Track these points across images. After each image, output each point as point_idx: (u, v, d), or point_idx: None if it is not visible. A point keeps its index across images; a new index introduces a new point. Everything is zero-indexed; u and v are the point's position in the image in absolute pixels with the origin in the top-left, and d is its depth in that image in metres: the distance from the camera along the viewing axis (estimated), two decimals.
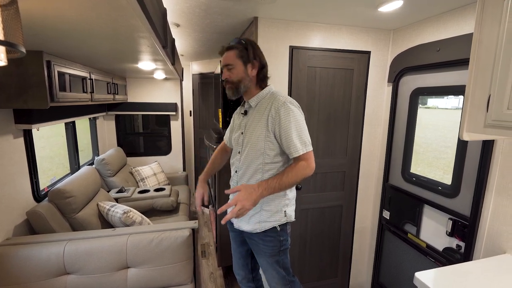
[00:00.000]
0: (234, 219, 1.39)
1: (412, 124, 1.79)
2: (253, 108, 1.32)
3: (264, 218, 1.31)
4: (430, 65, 1.59)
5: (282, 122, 1.20)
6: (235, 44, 1.28)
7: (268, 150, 1.25)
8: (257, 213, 1.32)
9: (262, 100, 1.30)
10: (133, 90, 3.51)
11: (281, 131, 1.21)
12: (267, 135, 1.24)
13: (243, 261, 1.52)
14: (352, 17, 1.67)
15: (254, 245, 1.39)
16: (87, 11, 0.83)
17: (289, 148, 1.21)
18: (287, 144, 1.21)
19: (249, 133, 1.30)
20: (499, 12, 0.83)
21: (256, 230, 1.33)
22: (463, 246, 1.43)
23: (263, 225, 1.32)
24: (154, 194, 2.70)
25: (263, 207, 1.31)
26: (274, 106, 1.23)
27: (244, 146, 1.32)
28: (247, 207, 1.13)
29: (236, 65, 1.27)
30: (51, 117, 1.90)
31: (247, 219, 1.34)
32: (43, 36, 1.14)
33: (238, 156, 1.36)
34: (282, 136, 1.21)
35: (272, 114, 1.22)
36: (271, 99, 1.27)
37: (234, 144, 1.42)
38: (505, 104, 0.83)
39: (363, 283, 2.31)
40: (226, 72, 1.29)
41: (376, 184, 2.12)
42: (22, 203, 1.70)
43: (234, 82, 1.28)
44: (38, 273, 1.42)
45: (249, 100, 1.33)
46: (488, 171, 1.27)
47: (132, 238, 1.55)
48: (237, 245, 1.52)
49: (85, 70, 2.06)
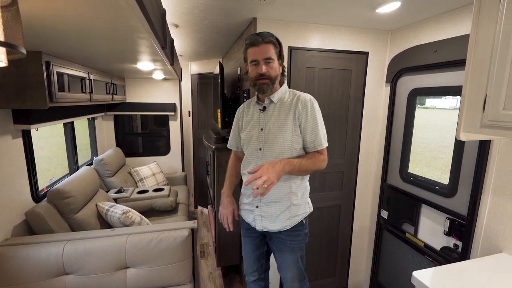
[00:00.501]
0: (257, 223, 1.38)
1: (410, 124, 1.80)
2: (274, 103, 1.32)
3: (293, 213, 1.33)
4: (427, 65, 1.61)
5: (309, 117, 1.26)
6: (273, 39, 1.25)
7: (295, 144, 1.28)
8: (286, 209, 1.32)
9: (283, 96, 1.32)
10: (132, 91, 3.51)
11: (308, 125, 1.26)
12: (294, 129, 1.27)
13: (258, 263, 1.51)
14: (350, 18, 1.68)
15: (279, 243, 1.38)
16: (86, 12, 0.84)
17: (314, 142, 1.27)
18: (313, 138, 1.27)
19: (273, 129, 1.29)
20: (495, 13, 0.84)
21: (286, 227, 1.33)
22: (460, 245, 1.44)
23: (293, 220, 1.33)
24: (153, 194, 2.70)
25: (293, 201, 1.33)
26: (301, 102, 1.28)
27: (265, 142, 1.31)
28: (272, 179, 1.12)
29: (275, 60, 1.26)
30: (50, 118, 1.90)
31: (274, 218, 1.33)
32: (43, 36, 1.14)
33: (258, 153, 1.33)
34: (308, 129, 1.26)
35: (299, 109, 1.26)
36: (293, 95, 1.32)
37: (251, 141, 1.37)
38: (501, 104, 0.84)
39: (361, 282, 2.32)
40: (264, 66, 1.23)
41: (374, 184, 2.13)
42: (21, 204, 1.70)
43: (272, 78, 1.26)
44: (37, 274, 1.42)
45: (270, 96, 1.32)
46: (485, 171, 1.28)
47: (131, 238, 1.55)
48: (253, 249, 1.50)
49: (84, 71, 2.06)
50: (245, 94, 1.95)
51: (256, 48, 1.23)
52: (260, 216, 1.36)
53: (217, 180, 2.26)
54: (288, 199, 1.31)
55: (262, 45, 1.22)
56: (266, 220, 1.35)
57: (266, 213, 1.34)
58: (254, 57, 1.24)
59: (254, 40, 1.23)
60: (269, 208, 1.33)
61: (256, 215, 1.36)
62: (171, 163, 3.85)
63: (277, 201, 1.32)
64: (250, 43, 1.25)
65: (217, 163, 2.23)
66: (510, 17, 0.80)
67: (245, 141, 1.39)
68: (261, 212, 1.35)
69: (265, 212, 1.34)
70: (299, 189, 1.34)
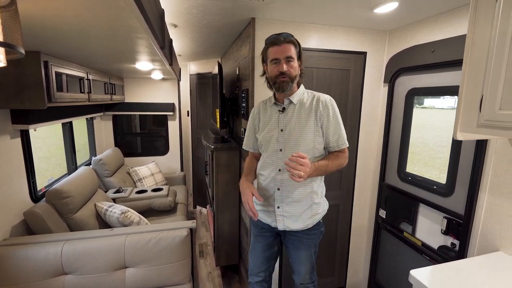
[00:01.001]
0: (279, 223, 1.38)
1: (407, 124, 1.81)
2: (294, 104, 1.33)
3: (315, 212, 1.37)
4: (425, 65, 1.61)
5: (331, 117, 1.30)
6: (294, 39, 1.27)
7: (317, 144, 1.31)
8: (307, 208, 1.35)
9: (302, 97, 1.34)
10: (130, 90, 3.51)
11: (330, 125, 1.30)
12: (316, 130, 1.30)
13: (266, 264, 1.52)
14: (348, 18, 1.69)
15: (296, 241, 1.41)
16: (85, 12, 0.84)
17: (338, 141, 1.31)
18: (337, 137, 1.30)
19: (294, 130, 1.31)
20: (491, 14, 0.85)
21: (308, 226, 1.37)
22: (457, 244, 1.45)
23: (314, 218, 1.37)
24: (151, 194, 2.70)
25: (314, 200, 1.36)
26: (321, 103, 1.30)
27: (286, 143, 1.32)
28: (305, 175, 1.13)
29: (295, 59, 1.28)
30: (48, 118, 1.90)
31: (296, 218, 1.35)
32: (43, 36, 1.14)
33: (279, 154, 1.34)
34: (330, 130, 1.30)
35: (321, 110, 1.29)
36: (312, 96, 1.34)
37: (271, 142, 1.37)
38: (497, 104, 0.84)
39: (359, 281, 2.33)
40: (285, 65, 1.25)
41: (372, 184, 2.14)
42: (19, 204, 1.70)
43: (292, 77, 1.28)
44: (36, 274, 1.42)
45: (290, 96, 1.33)
46: (482, 170, 1.29)
47: (130, 238, 1.55)
48: (264, 249, 1.50)
49: (83, 70, 2.05)
50: (244, 94, 1.96)
51: (278, 47, 1.25)
52: (282, 216, 1.37)
53: (216, 180, 2.26)
54: (310, 198, 1.35)
55: (283, 44, 1.25)
56: (288, 220, 1.37)
57: (288, 213, 1.36)
58: (275, 55, 1.26)
59: (275, 40, 1.26)
60: (290, 208, 1.35)
61: (277, 215, 1.38)
62: (170, 163, 3.85)
63: (299, 200, 1.34)
64: (271, 42, 1.28)
65: (216, 163, 2.23)
66: (506, 17, 0.81)
67: (263, 142, 1.40)
68: (283, 212, 1.36)
69: (286, 212, 1.36)
70: (319, 188, 1.39)
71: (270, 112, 1.40)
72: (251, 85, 1.80)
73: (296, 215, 1.35)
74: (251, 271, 1.56)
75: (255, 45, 1.73)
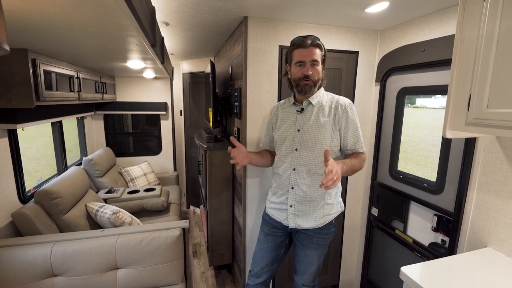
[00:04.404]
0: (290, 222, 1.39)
1: (399, 123, 1.83)
2: (313, 106, 1.34)
3: (327, 212, 1.37)
4: (415, 65, 1.63)
5: (350, 121, 1.31)
6: (320, 43, 1.28)
7: (333, 146, 1.32)
8: (320, 208, 1.36)
9: (321, 100, 1.35)
10: (122, 89, 3.46)
11: (349, 128, 1.32)
12: (333, 132, 1.31)
13: (271, 265, 1.52)
14: (340, 18, 1.69)
15: (306, 240, 1.42)
16: (72, 9, 0.82)
17: (356, 144, 1.33)
18: (355, 141, 1.32)
19: (312, 131, 1.32)
20: (479, 14, 0.86)
21: (319, 225, 1.37)
22: (447, 241, 1.47)
23: (326, 218, 1.38)
24: (144, 194, 2.67)
25: (327, 200, 1.36)
26: (340, 106, 1.32)
27: (302, 143, 1.34)
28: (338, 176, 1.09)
29: (320, 63, 1.29)
30: (37, 117, 1.86)
31: (309, 216, 1.37)
32: (28, 33, 1.12)
33: (294, 154, 1.36)
34: (349, 133, 1.31)
35: (339, 112, 1.31)
36: (331, 98, 1.36)
37: (286, 141, 1.39)
38: (485, 102, 0.86)
39: (352, 279, 2.34)
40: (311, 68, 1.27)
41: (365, 182, 2.16)
42: (7, 205, 1.66)
43: (315, 80, 1.30)
44: (24, 276, 1.39)
45: (310, 98, 1.35)
46: (471, 168, 1.31)
47: (121, 239, 1.53)
48: (271, 249, 1.49)
49: (72, 69, 2.02)
50: (237, 93, 1.95)
51: (304, 50, 1.26)
52: (293, 215, 1.39)
53: (209, 180, 2.25)
54: (323, 198, 1.36)
55: (310, 47, 1.26)
56: (300, 219, 1.38)
57: (300, 211, 1.38)
58: (301, 58, 1.27)
59: (302, 42, 1.27)
60: (303, 207, 1.37)
61: (289, 214, 1.40)
62: (162, 163, 3.82)
63: (311, 200, 1.36)
64: (297, 45, 1.28)
65: (209, 162, 2.22)
66: (492, 18, 0.82)
67: (279, 140, 1.42)
68: (295, 211, 1.38)
69: (298, 210, 1.38)
70: (338, 190, 1.41)
71: (288, 111, 1.42)
72: (244, 84, 1.79)
73: (308, 214, 1.37)
74: (253, 272, 1.55)
75: (248, 44, 1.73)
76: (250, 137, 1.85)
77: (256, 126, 1.85)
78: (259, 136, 1.86)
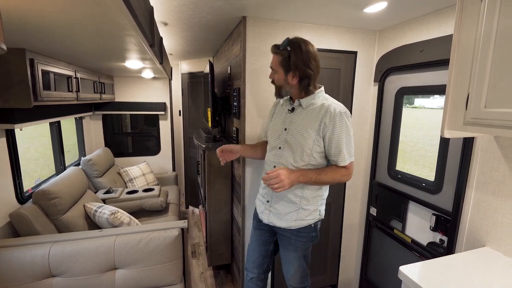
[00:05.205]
0: (264, 216, 1.43)
1: (397, 123, 1.84)
2: (303, 108, 1.33)
3: (301, 217, 1.35)
4: (414, 65, 1.64)
5: (335, 132, 1.25)
6: (279, 50, 1.27)
7: (315, 153, 1.29)
8: (294, 211, 1.35)
9: (314, 103, 1.31)
10: (120, 90, 3.46)
11: (332, 139, 1.25)
12: (317, 139, 1.27)
13: (261, 260, 1.53)
14: (338, 18, 1.70)
15: (285, 240, 1.42)
16: (70, 7, 0.82)
17: (337, 157, 1.27)
18: (336, 153, 1.26)
19: (296, 132, 1.31)
20: (477, 14, 0.86)
21: (292, 227, 1.36)
22: (446, 240, 1.47)
23: (300, 223, 1.35)
24: (142, 194, 2.66)
25: (302, 206, 1.34)
26: (329, 114, 1.25)
27: (286, 142, 1.34)
28: (285, 184, 1.18)
29: (278, 71, 1.30)
30: (35, 117, 1.85)
31: (282, 216, 1.37)
32: (26, 32, 1.11)
33: (277, 151, 1.36)
34: (332, 144, 1.26)
35: (326, 121, 1.25)
36: (324, 104, 1.28)
37: (273, 138, 1.40)
38: (483, 102, 0.86)
39: (351, 278, 2.35)
40: (272, 74, 1.34)
41: (363, 182, 2.16)
42: (5, 205, 1.65)
43: (276, 86, 1.34)
44: (22, 276, 1.39)
45: (300, 99, 1.33)
46: (469, 167, 1.31)
47: (119, 239, 1.53)
48: (259, 244, 1.52)
49: (70, 69, 2.01)
50: (235, 93, 1.95)
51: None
52: (268, 211, 1.41)
53: (208, 180, 2.25)
54: (299, 202, 1.34)
55: (272, 54, 1.31)
56: (273, 216, 1.39)
57: (274, 209, 1.39)
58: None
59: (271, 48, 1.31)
60: (278, 205, 1.38)
61: (265, 208, 1.42)
62: (161, 163, 3.81)
63: (288, 201, 1.36)
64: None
65: (208, 162, 2.22)
66: (490, 18, 0.82)
67: (269, 134, 1.46)
68: (270, 207, 1.40)
69: (274, 208, 1.39)
70: (312, 196, 1.36)
71: (284, 108, 1.42)
72: (242, 84, 1.79)
73: (281, 213, 1.37)
74: (246, 265, 1.59)
75: (246, 44, 1.73)
76: (249, 137, 1.85)
77: (255, 126, 1.85)
78: (258, 136, 1.86)
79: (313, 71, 1.27)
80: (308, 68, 1.25)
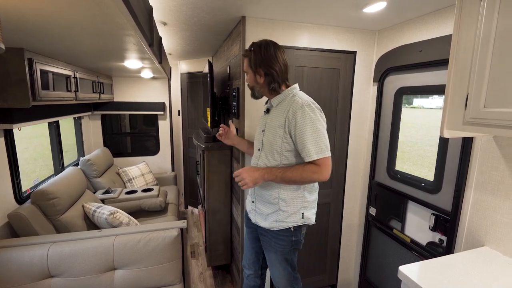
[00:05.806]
0: (251, 216, 1.46)
1: (396, 122, 1.84)
2: (274, 107, 1.35)
3: (281, 218, 1.34)
4: (413, 65, 1.64)
5: (297, 126, 1.21)
6: (246, 53, 1.33)
7: (285, 151, 1.29)
8: (274, 212, 1.35)
9: (283, 101, 1.32)
10: (119, 89, 3.45)
11: (296, 134, 1.22)
12: (285, 137, 1.27)
13: (255, 257, 1.56)
14: (338, 18, 1.70)
15: (265, 241, 1.43)
16: (68, 7, 0.81)
17: (302, 152, 1.23)
18: (301, 148, 1.23)
19: (268, 132, 1.33)
20: (476, 14, 0.86)
21: (273, 228, 1.36)
22: (445, 240, 1.48)
23: (280, 224, 1.35)
24: (141, 194, 2.66)
25: (280, 207, 1.34)
26: (292, 109, 1.23)
27: (263, 144, 1.36)
28: (247, 183, 1.25)
29: (248, 73, 1.35)
30: (33, 117, 1.85)
31: (265, 216, 1.38)
32: (25, 32, 1.11)
33: (257, 153, 1.40)
34: (297, 139, 1.23)
35: (289, 116, 1.23)
36: (291, 101, 1.26)
37: (255, 139, 1.46)
38: (482, 102, 0.86)
39: (350, 278, 2.35)
40: (246, 76, 1.39)
41: (362, 182, 2.16)
42: (3, 205, 1.65)
43: (250, 87, 1.39)
44: (21, 277, 1.38)
45: (271, 99, 1.36)
46: (468, 167, 1.31)
47: (118, 239, 1.52)
48: (251, 241, 1.55)
49: (69, 68, 2.01)
50: (235, 93, 1.95)
51: None
52: (254, 211, 1.44)
53: (207, 180, 2.24)
54: (277, 203, 1.34)
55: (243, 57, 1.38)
56: (258, 216, 1.42)
57: (259, 209, 1.42)
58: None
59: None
60: (260, 205, 1.41)
61: (251, 208, 1.46)
62: (160, 163, 3.80)
63: (268, 202, 1.37)
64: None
65: (207, 162, 2.21)
66: (489, 18, 0.82)
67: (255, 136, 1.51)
68: (255, 207, 1.43)
69: (258, 208, 1.42)
70: (290, 197, 1.33)
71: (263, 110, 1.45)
72: (242, 84, 1.79)
73: (264, 213, 1.39)
74: (243, 263, 1.62)
75: (246, 44, 1.72)
76: (248, 137, 1.84)
77: (254, 126, 1.85)
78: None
79: (275, 69, 1.27)
80: (269, 67, 1.27)
